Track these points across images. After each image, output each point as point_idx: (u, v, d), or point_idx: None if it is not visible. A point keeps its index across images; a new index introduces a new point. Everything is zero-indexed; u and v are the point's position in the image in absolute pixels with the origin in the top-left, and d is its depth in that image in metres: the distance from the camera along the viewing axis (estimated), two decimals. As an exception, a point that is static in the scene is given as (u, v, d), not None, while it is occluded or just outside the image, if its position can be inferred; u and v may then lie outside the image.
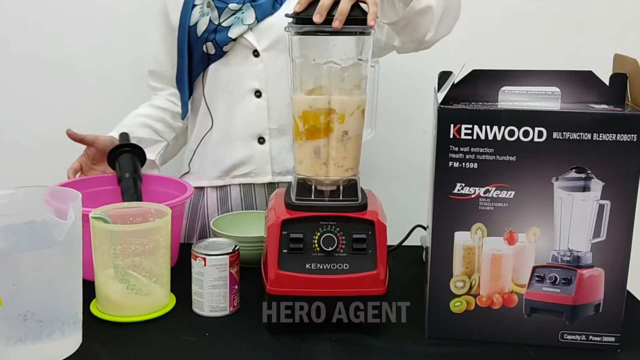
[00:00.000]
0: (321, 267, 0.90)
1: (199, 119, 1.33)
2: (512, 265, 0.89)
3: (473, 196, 0.87)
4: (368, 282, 0.91)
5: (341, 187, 0.95)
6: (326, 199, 0.95)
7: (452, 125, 0.86)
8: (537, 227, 0.87)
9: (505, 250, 0.88)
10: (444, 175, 0.87)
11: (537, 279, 0.88)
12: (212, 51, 1.26)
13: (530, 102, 0.91)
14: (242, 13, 1.24)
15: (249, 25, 1.24)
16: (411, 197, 1.42)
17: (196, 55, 1.27)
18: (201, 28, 1.25)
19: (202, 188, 1.33)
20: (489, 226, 0.87)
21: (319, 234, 0.91)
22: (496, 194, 0.87)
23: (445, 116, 0.86)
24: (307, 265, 0.90)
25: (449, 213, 0.88)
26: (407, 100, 1.61)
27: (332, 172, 0.94)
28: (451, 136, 0.86)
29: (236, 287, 0.99)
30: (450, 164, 0.87)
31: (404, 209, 1.41)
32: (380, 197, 1.04)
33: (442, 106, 0.86)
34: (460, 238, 0.88)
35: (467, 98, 0.91)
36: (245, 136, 1.28)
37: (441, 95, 0.88)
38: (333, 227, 0.91)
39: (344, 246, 0.91)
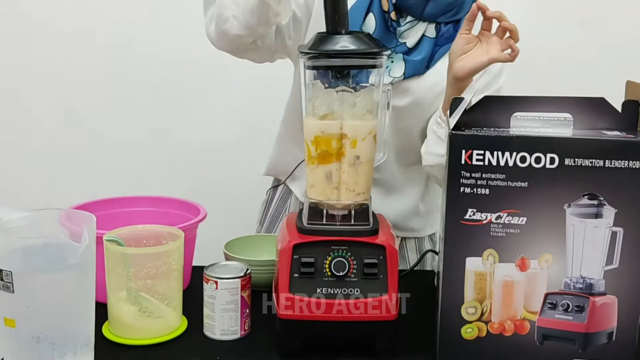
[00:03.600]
0: (332, 292, 0.87)
1: None
2: (523, 291, 0.85)
3: (485, 222, 0.84)
4: (379, 307, 0.87)
5: (352, 212, 0.91)
6: (337, 223, 0.91)
7: (463, 151, 0.82)
8: (549, 254, 0.83)
9: (517, 277, 0.84)
10: (456, 201, 0.84)
11: (549, 306, 0.84)
12: None
13: (543, 129, 0.87)
14: (392, 62, 1.10)
15: (393, 78, 1.10)
16: None
17: None
18: None
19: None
20: (501, 252, 0.84)
21: (330, 258, 0.88)
22: (508, 220, 0.83)
23: (457, 142, 0.83)
24: (319, 290, 0.87)
25: (461, 238, 0.84)
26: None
27: (343, 196, 0.91)
28: (463, 162, 0.83)
29: (247, 310, 0.95)
30: (462, 189, 0.83)
31: None
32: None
33: (454, 132, 0.83)
34: (472, 264, 0.85)
35: (479, 124, 0.88)
36: None
37: (453, 121, 0.85)
38: (344, 251, 0.88)
39: (355, 271, 0.88)
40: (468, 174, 0.83)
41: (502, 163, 0.82)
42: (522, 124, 0.88)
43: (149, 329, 0.93)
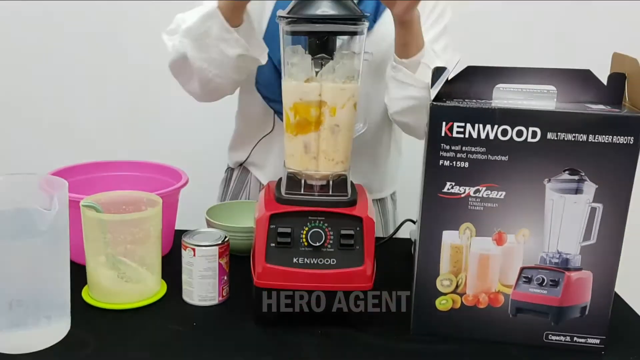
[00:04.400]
0: (308, 262, 0.85)
1: (257, 119, 1.22)
2: (499, 265, 0.83)
3: (463, 195, 0.81)
4: (355, 277, 0.85)
5: (331, 182, 0.88)
6: (315, 193, 0.89)
7: (444, 123, 0.79)
8: (526, 229, 0.81)
9: (493, 251, 0.82)
10: (434, 174, 0.81)
11: (524, 280, 0.82)
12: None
13: (526, 101, 0.84)
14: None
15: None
16: (402, 189, 1.37)
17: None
18: None
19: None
20: (478, 226, 0.81)
21: (307, 228, 0.85)
22: (486, 194, 0.80)
23: (438, 113, 0.79)
24: (295, 260, 0.85)
25: (438, 211, 0.82)
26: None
27: (322, 166, 0.88)
28: (443, 134, 0.79)
29: (225, 277, 0.93)
30: (441, 162, 0.80)
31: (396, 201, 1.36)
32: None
33: (435, 103, 0.79)
34: (449, 237, 0.82)
35: (461, 95, 0.84)
36: None
37: (434, 92, 0.82)
38: (321, 222, 0.85)
39: (331, 241, 0.85)
40: (448, 147, 0.80)
41: (482, 136, 0.79)
42: (505, 96, 0.85)
43: (128, 293, 0.92)
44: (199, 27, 1.00)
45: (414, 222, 1.12)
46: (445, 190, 0.81)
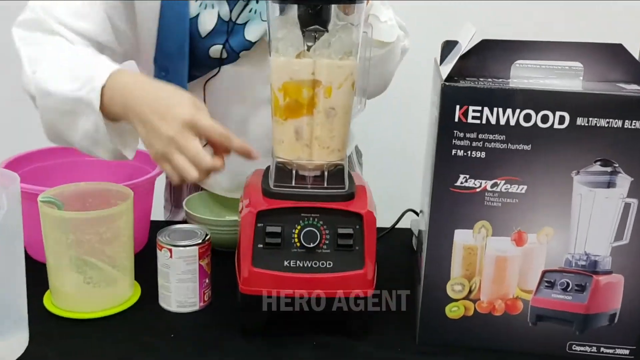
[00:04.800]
0: (301, 265, 0.74)
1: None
2: (518, 268, 0.73)
3: (478, 190, 0.70)
4: (354, 282, 0.74)
5: (326, 173, 0.77)
6: (308, 186, 0.77)
7: (457, 107, 0.68)
8: (550, 227, 0.71)
9: (511, 252, 0.72)
10: (446, 165, 0.70)
11: (546, 284, 0.73)
12: (222, 55, 0.91)
13: (547, 80, 0.73)
14: (257, 3, 0.89)
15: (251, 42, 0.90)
16: (401, 177, 1.25)
17: (197, 57, 0.89)
18: (206, 27, 0.88)
19: None
20: (495, 224, 0.71)
21: (299, 227, 0.74)
22: (505, 188, 0.70)
23: (451, 95, 0.68)
24: (286, 263, 0.74)
25: (450, 208, 0.71)
26: (402, 73, 1.42)
27: (316, 154, 0.77)
28: (456, 119, 0.68)
29: (207, 280, 0.82)
30: (454, 152, 0.69)
31: (393, 189, 1.25)
32: (367, 177, 0.87)
33: (448, 84, 0.68)
34: (461, 237, 0.72)
35: (474, 73, 0.73)
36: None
37: (445, 70, 0.70)
38: (316, 219, 0.74)
39: (327, 241, 0.74)
40: (462, 134, 0.69)
41: (502, 122, 0.68)
42: (525, 74, 0.74)
43: (96, 300, 0.81)
44: (64, 103, 0.79)
45: (415, 213, 1.02)
46: (458, 183, 0.70)
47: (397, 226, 1.04)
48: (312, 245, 0.74)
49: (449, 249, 0.72)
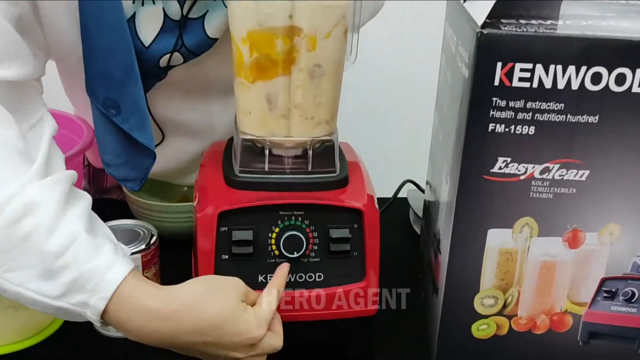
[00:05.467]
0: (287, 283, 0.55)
1: None
2: (570, 276, 0.55)
3: (522, 177, 0.52)
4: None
5: (310, 153, 0.57)
6: (287, 170, 0.58)
7: (499, 65, 0.48)
8: (616, 224, 0.53)
9: (562, 256, 0.54)
10: (479, 145, 0.51)
11: (605, 295, 0.56)
12: (177, 62, 0.66)
13: (604, 21, 0.53)
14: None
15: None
16: (394, 140, 1.06)
17: (143, 70, 0.63)
18: (149, 31, 0.62)
19: None
20: (543, 222, 0.53)
21: (277, 230, 0.55)
22: (560, 175, 0.51)
23: (490, 48, 0.48)
24: (261, 278, 0.55)
25: (482, 202, 0.53)
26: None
27: (296, 128, 0.56)
28: (496, 82, 0.49)
29: (155, 293, 0.63)
30: (491, 127, 0.50)
31: (385, 155, 1.05)
32: (353, 142, 0.68)
33: (487, 31, 0.48)
34: (497, 238, 0.54)
35: (509, 12, 0.52)
36: None
37: (481, 10, 0.50)
38: (299, 219, 0.55)
39: (316, 247, 0.56)
40: (503, 103, 0.49)
41: (560, 85, 0.48)
42: (575, 12, 0.54)
43: (10, 327, 0.61)
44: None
45: (415, 185, 0.83)
46: (495, 169, 0.51)
47: (386, 194, 0.85)
48: (295, 254, 0.55)
49: (480, 254, 0.54)
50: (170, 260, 0.66)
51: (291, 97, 0.55)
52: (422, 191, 0.81)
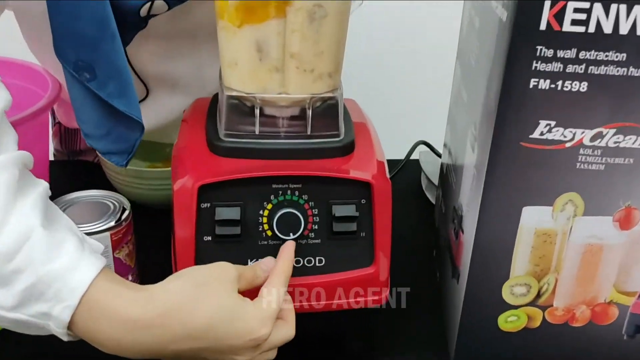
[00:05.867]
0: (275, 265, 0.47)
1: None
2: (618, 262, 0.47)
3: (569, 145, 0.43)
4: (359, 286, 0.48)
5: (309, 113, 0.48)
6: (281, 133, 0.48)
7: (547, 4, 0.38)
8: (679, 201, 0.44)
9: (611, 238, 0.46)
10: (518, 105, 0.41)
11: (658, 283, 0.48)
12: (161, 10, 0.56)
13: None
14: None
15: None
16: (406, 96, 0.95)
17: (120, 23, 0.53)
18: None
19: None
20: (590, 198, 0.44)
21: (270, 206, 0.46)
22: (615, 142, 0.42)
23: (535, -17, 0.38)
24: (251, 263, 0.47)
25: (518, 173, 0.44)
26: None
27: (292, 83, 0.47)
28: (543, 26, 0.39)
29: (130, 276, 0.55)
30: (534, 82, 0.41)
31: (395, 112, 0.96)
32: (360, 98, 0.59)
33: (531, -40, 0.38)
34: (533, 217, 0.45)
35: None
36: None
37: None
38: (296, 193, 0.46)
39: (316, 227, 0.47)
40: (551, 52, 0.40)
41: (624, 29, 0.39)
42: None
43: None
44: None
45: (429, 147, 0.74)
46: (535, 135, 0.42)
47: (392, 157, 0.76)
48: (292, 235, 0.46)
49: (512, 236, 0.46)
50: (150, 234, 0.58)
51: (286, 44, 0.45)
52: (438, 155, 0.72)
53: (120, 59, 0.52)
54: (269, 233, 0.46)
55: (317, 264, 0.47)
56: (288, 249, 0.46)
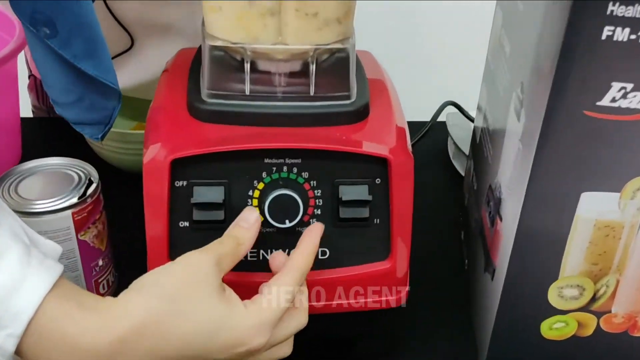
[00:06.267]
0: (268, 260, 0.38)
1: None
2: (699, 261, 0.38)
3: (648, 115, 0.33)
4: (372, 283, 0.40)
5: (313, 68, 0.38)
6: (278, 94, 0.39)
7: None
8: None
9: (693, 233, 0.37)
10: (584, 63, 0.32)
11: None
12: None
13: None
14: None
15: None
16: (430, 47, 0.84)
17: None
18: None
19: None
20: (671, 183, 0.35)
21: (261, 186, 0.38)
22: None
23: None
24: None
25: (579, 150, 0.34)
26: None
27: (292, 31, 0.37)
28: (626, -45, 0.29)
29: (101, 261, 0.46)
30: (608, 32, 0.31)
31: (418, 67, 0.85)
32: (376, 50, 0.49)
33: None
34: (594, 205, 0.36)
35: None
36: None
37: None
38: (294, 169, 0.37)
39: (318, 212, 0.38)
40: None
41: None
42: None
43: None
44: None
45: (458, 108, 0.64)
46: (605, 101, 0.33)
47: (414, 119, 0.66)
48: (288, 222, 0.37)
49: (565, 227, 0.37)
50: (137, 207, 0.49)
51: (283, -19, 0.36)
52: (470, 119, 0.63)
53: (87, 11, 0.42)
54: (260, 218, 0.38)
55: (319, 257, 0.39)
56: (310, 236, 0.36)
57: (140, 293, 0.33)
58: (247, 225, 0.36)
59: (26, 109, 0.73)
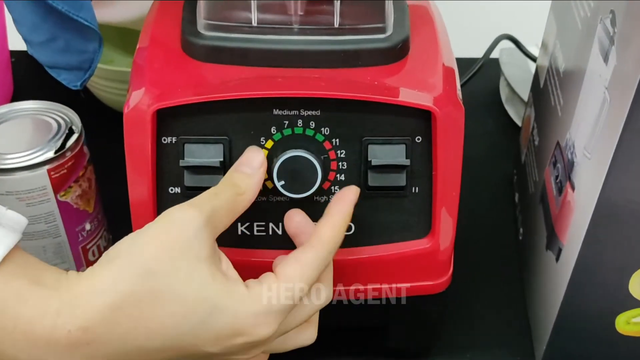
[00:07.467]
0: (281, 236, 0.32)
1: None
2: None
3: None
4: (409, 266, 0.33)
5: (338, -7, 0.30)
6: (293, 25, 0.31)
7: None
8: None
9: None
10: None
11: None
12: None
13: None
14: None
15: None
16: None
17: None
18: None
19: None
20: None
21: (271, 144, 0.30)
22: None
23: None
24: (242, 229, 0.32)
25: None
26: None
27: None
28: None
29: (88, 225, 0.40)
30: None
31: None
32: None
33: None
34: None
35: None
36: None
37: None
38: (311, 124, 0.30)
39: (342, 179, 0.31)
40: None
41: None
42: None
43: None
44: None
45: (515, 43, 0.55)
46: None
47: (462, 55, 0.57)
48: (304, 191, 0.30)
49: (659, 205, 0.29)
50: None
51: None
52: (530, 58, 0.54)
53: None
54: (269, 185, 0.30)
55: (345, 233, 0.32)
56: (342, 204, 0.29)
57: (111, 267, 0.26)
58: (249, 170, 0.29)
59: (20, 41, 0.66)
